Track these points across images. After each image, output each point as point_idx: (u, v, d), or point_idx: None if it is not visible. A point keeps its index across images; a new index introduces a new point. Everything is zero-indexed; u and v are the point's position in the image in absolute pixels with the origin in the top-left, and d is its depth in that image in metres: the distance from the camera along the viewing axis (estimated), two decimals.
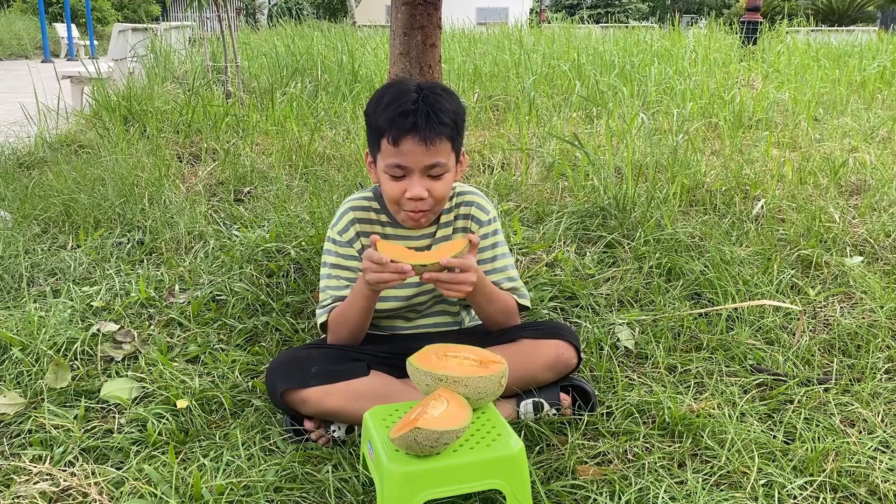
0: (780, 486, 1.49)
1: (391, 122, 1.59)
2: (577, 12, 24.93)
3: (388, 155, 1.62)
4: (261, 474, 1.54)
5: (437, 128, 1.59)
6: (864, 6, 20.93)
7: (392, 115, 1.59)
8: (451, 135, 1.63)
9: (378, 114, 1.62)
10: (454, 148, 1.67)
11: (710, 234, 2.78)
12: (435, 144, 1.59)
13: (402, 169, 1.62)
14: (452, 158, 1.67)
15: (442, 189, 1.66)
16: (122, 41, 6.72)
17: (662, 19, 22.31)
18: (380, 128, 1.62)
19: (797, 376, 1.95)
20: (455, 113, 1.64)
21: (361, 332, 1.73)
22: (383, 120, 1.61)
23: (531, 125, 4.65)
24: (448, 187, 1.68)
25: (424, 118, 1.58)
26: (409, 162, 1.61)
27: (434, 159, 1.61)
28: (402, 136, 1.58)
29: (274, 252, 2.56)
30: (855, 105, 5.39)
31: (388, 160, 1.63)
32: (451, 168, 1.67)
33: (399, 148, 1.60)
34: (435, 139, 1.59)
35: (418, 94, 1.61)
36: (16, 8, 23.23)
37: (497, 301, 1.74)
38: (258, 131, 4.52)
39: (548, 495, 1.48)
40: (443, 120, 1.60)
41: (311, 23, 12.87)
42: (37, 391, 1.84)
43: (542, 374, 1.73)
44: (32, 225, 2.99)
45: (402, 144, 1.59)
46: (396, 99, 1.61)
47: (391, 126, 1.59)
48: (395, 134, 1.59)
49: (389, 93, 1.65)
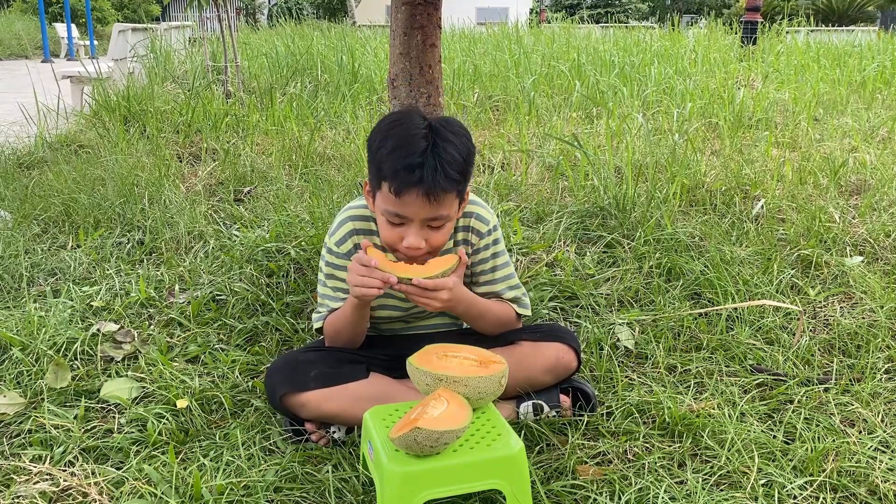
0: (780, 486, 1.49)
1: (395, 173, 1.49)
2: (576, 12, 24.92)
3: (387, 202, 1.53)
4: (261, 474, 1.54)
5: (444, 183, 1.48)
6: (864, 6, 20.93)
7: (397, 166, 1.48)
8: (459, 185, 1.54)
9: (382, 157, 1.52)
10: (459, 195, 1.58)
11: (710, 234, 2.78)
12: (439, 199, 1.51)
13: (400, 218, 1.54)
14: (455, 205, 1.59)
15: (441, 239, 1.58)
16: (121, 41, 6.72)
17: (662, 19, 22.31)
18: (382, 172, 1.52)
19: (797, 376, 1.95)
20: (464, 162, 1.53)
21: (358, 339, 1.72)
22: (387, 167, 1.50)
23: (531, 125, 4.65)
24: (447, 235, 1.60)
25: (431, 173, 1.47)
26: (409, 213, 1.52)
27: (436, 213, 1.53)
28: (406, 189, 1.48)
29: (274, 252, 2.56)
30: (855, 105, 5.39)
31: (387, 206, 1.54)
32: (453, 216, 1.59)
33: (401, 199, 1.50)
34: (440, 194, 1.50)
35: (427, 143, 1.50)
36: (16, 8, 23.23)
37: (486, 315, 1.72)
38: (258, 131, 4.52)
39: (548, 495, 1.48)
40: (450, 175, 1.49)
41: (311, 23, 12.88)
42: (37, 391, 1.84)
43: (541, 377, 1.72)
44: (32, 225, 2.99)
45: (404, 196, 1.49)
46: (403, 146, 1.50)
47: (394, 177, 1.49)
48: (397, 185, 1.49)
49: (395, 134, 1.53)
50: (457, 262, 1.55)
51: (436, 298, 1.52)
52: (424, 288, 1.50)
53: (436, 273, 1.52)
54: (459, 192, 1.58)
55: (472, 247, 1.76)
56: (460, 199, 1.61)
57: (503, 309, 1.76)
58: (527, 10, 23.65)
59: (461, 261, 1.55)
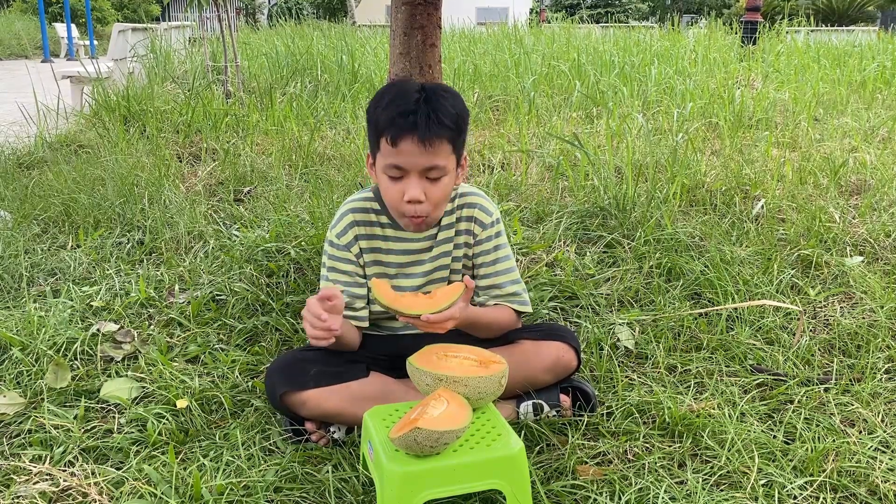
0: (780, 486, 1.49)
1: (391, 121, 1.56)
2: (576, 12, 24.92)
3: (386, 155, 1.59)
4: (261, 474, 1.54)
5: (437, 129, 1.55)
6: (864, 6, 20.93)
7: (392, 114, 1.56)
8: (452, 137, 1.59)
9: (378, 113, 1.59)
10: (455, 151, 1.63)
11: (710, 234, 2.78)
12: (434, 146, 1.56)
13: (399, 170, 1.59)
14: (453, 161, 1.63)
15: (439, 193, 1.63)
16: (121, 41, 6.72)
17: (662, 19, 22.31)
18: (379, 127, 1.59)
19: (797, 376, 1.95)
20: (457, 115, 1.60)
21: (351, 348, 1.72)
22: (383, 119, 1.58)
23: (531, 125, 4.65)
24: (446, 191, 1.65)
25: (424, 118, 1.54)
26: (406, 163, 1.58)
27: (432, 162, 1.58)
28: (401, 136, 1.55)
29: (274, 252, 2.56)
30: (855, 105, 5.39)
31: (386, 160, 1.60)
32: (450, 171, 1.63)
33: (397, 148, 1.56)
34: (434, 140, 1.55)
35: (420, 95, 1.58)
36: (16, 8, 23.23)
37: (491, 326, 1.73)
38: (258, 131, 4.52)
39: (548, 495, 1.48)
40: (443, 121, 1.56)
41: (311, 23, 12.87)
42: (37, 391, 1.84)
43: (541, 377, 1.72)
44: (32, 225, 2.99)
45: (400, 144, 1.56)
46: (397, 98, 1.58)
47: (390, 125, 1.56)
48: (393, 133, 1.56)
49: (391, 92, 1.62)
50: (462, 290, 1.54)
51: (442, 328, 1.53)
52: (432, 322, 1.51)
53: (442, 306, 1.51)
54: (454, 146, 1.62)
55: (474, 237, 1.78)
56: (457, 157, 1.65)
57: (504, 314, 1.77)
58: (527, 10, 23.66)
59: (467, 288, 1.55)
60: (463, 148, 1.67)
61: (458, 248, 1.79)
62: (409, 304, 1.52)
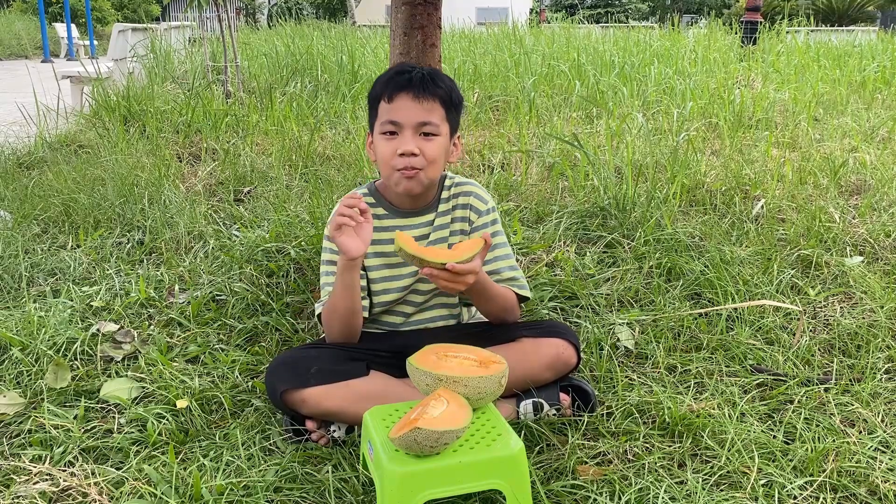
0: (780, 486, 1.49)
1: (389, 80, 1.70)
2: (576, 12, 24.93)
3: (383, 114, 1.70)
4: (261, 474, 1.54)
5: (431, 87, 1.68)
6: (864, 6, 20.91)
7: (390, 76, 1.72)
8: (444, 100, 1.70)
9: (379, 84, 1.73)
10: (448, 119, 1.72)
11: (710, 234, 2.78)
12: (428, 102, 1.67)
13: (394, 125, 1.68)
14: (446, 128, 1.72)
15: (433, 150, 1.69)
16: (121, 41, 6.72)
17: (662, 19, 22.31)
18: (377, 92, 1.72)
19: (797, 376, 1.95)
20: (450, 88, 1.73)
21: (350, 321, 1.70)
22: (381, 83, 1.72)
23: (531, 125, 4.65)
24: (438, 151, 1.71)
25: (419, 77, 1.68)
26: (401, 117, 1.67)
27: (426, 117, 1.67)
28: (397, 92, 1.67)
29: (274, 252, 2.56)
30: (855, 105, 5.39)
31: (382, 119, 1.70)
32: (443, 134, 1.71)
33: (393, 104, 1.68)
34: (428, 97, 1.67)
35: (418, 69, 1.72)
36: (16, 8, 23.22)
37: (496, 297, 1.75)
38: (258, 131, 4.52)
39: (548, 495, 1.48)
40: (438, 83, 1.69)
41: (310, 23, 12.87)
42: (37, 391, 1.84)
43: (541, 374, 1.73)
44: (32, 225, 2.99)
45: (396, 100, 1.67)
46: (396, 68, 1.75)
47: (388, 85, 1.70)
48: (390, 90, 1.68)
49: (390, 69, 1.78)
50: (482, 244, 1.58)
51: (463, 282, 1.56)
52: (456, 273, 1.53)
53: (465, 257, 1.54)
54: (448, 114, 1.72)
55: (470, 224, 1.83)
56: (451, 128, 1.75)
57: (508, 293, 1.79)
58: (527, 10, 23.65)
59: (486, 243, 1.59)
60: (456, 124, 1.78)
61: (454, 234, 1.83)
62: (434, 254, 1.55)
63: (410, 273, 1.80)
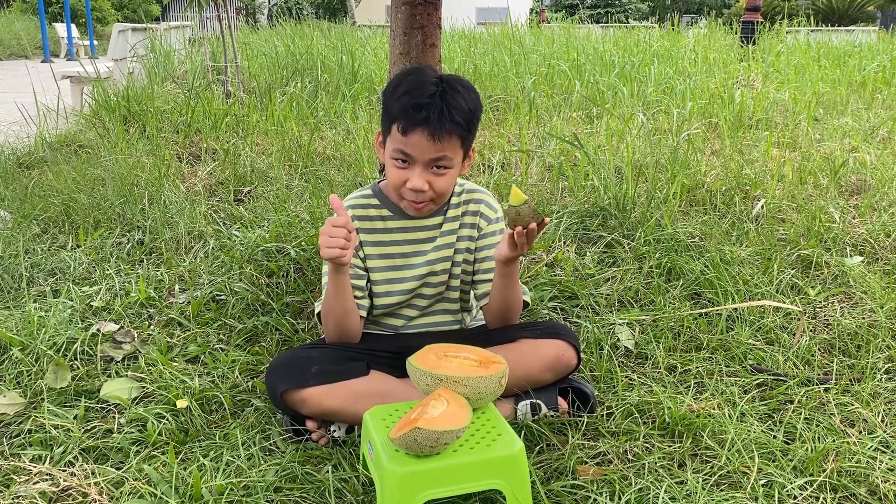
0: (780, 486, 1.49)
1: (404, 111, 1.60)
2: (576, 12, 24.92)
3: (395, 141, 1.64)
4: (261, 474, 1.54)
5: (448, 125, 1.59)
6: (864, 6, 20.90)
7: (406, 105, 1.60)
8: (462, 134, 1.63)
9: (394, 100, 1.63)
10: (463, 145, 1.67)
11: (710, 234, 2.78)
12: (443, 140, 1.60)
13: (406, 157, 1.63)
14: (460, 155, 1.68)
15: (443, 184, 1.67)
16: (121, 41, 6.72)
17: (662, 19, 22.32)
18: (392, 114, 1.63)
19: (797, 376, 1.95)
20: (470, 112, 1.64)
21: (343, 321, 1.70)
22: (397, 108, 1.61)
23: (531, 125, 4.65)
24: (450, 183, 1.69)
25: (437, 114, 1.58)
26: (414, 152, 1.62)
27: (440, 154, 1.62)
28: (412, 128, 1.59)
29: (274, 252, 2.56)
30: (855, 105, 5.39)
31: (395, 145, 1.64)
32: (456, 164, 1.68)
33: (407, 138, 1.60)
34: (444, 136, 1.59)
35: (436, 89, 1.61)
36: (16, 8, 23.22)
37: (516, 287, 1.75)
38: (258, 131, 4.52)
39: (548, 495, 1.48)
40: (455, 119, 1.60)
41: (311, 23, 12.87)
42: (37, 391, 1.84)
43: (541, 375, 1.72)
44: (32, 225, 2.99)
45: (410, 136, 1.60)
46: (414, 89, 1.61)
47: (403, 115, 1.60)
48: (405, 124, 1.60)
49: (408, 81, 1.64)
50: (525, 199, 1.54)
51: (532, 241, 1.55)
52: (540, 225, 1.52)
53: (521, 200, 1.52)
54: (464, 141, 1.66)
55: (479, 230, 1.82)
56: (465, 151, 1.69)
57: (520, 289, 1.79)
58: (527, 10, 23.65)
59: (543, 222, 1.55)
60: (472, 143, 1.72)
61: (462, 240, 1.82)
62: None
63: (414, 277, 1.79)
